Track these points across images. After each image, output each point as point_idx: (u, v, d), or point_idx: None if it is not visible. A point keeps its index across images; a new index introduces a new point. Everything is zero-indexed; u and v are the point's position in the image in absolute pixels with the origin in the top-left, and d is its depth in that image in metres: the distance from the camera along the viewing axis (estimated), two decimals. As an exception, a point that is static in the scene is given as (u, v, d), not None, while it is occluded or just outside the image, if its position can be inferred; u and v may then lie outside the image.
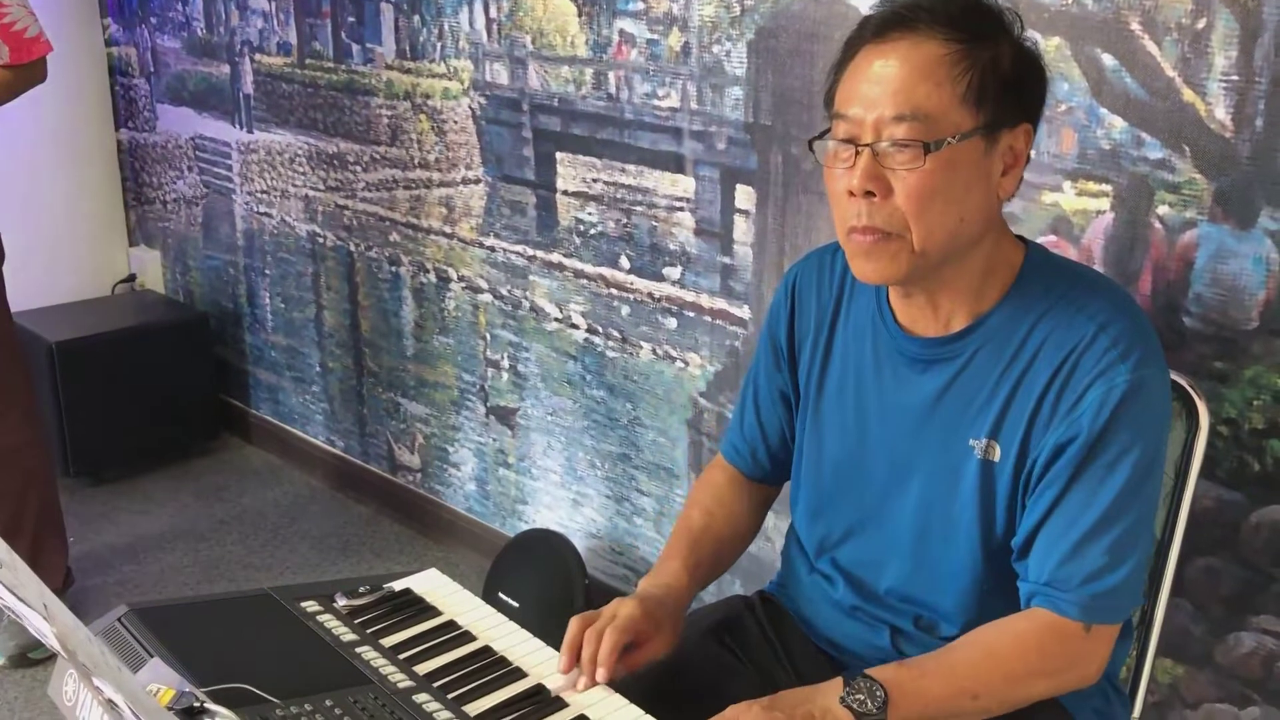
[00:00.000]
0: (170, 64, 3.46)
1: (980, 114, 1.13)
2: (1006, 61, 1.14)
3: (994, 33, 1.15)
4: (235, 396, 3.59)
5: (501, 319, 2.65)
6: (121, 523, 3.12)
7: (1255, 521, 1.58)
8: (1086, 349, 1.15)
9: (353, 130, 2.89)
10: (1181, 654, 1.67)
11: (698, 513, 1.44)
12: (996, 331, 1.21)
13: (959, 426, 1.23)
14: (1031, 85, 1.18)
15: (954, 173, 1.13)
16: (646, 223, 2.28)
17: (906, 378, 1.27)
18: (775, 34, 1.97)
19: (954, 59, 1.12)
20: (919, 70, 1.12)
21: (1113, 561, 1.15)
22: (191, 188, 3.53)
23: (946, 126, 1.12)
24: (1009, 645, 1.18)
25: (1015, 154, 1.18)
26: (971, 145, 1.13)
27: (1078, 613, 1.16)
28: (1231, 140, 1.49)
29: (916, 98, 1.11)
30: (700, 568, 1.38)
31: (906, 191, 1.13)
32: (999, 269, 1.22)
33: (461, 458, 2.88)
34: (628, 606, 1.26)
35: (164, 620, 1.23)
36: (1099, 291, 1.20)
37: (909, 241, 1.15)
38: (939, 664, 1.18)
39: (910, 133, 1.12)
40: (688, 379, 2.29)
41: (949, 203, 1.14)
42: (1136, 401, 1.14)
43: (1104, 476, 1.15)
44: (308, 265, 3.18)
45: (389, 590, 1.37)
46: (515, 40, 2.42)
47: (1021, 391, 1.19)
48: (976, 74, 1.12)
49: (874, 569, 1.33)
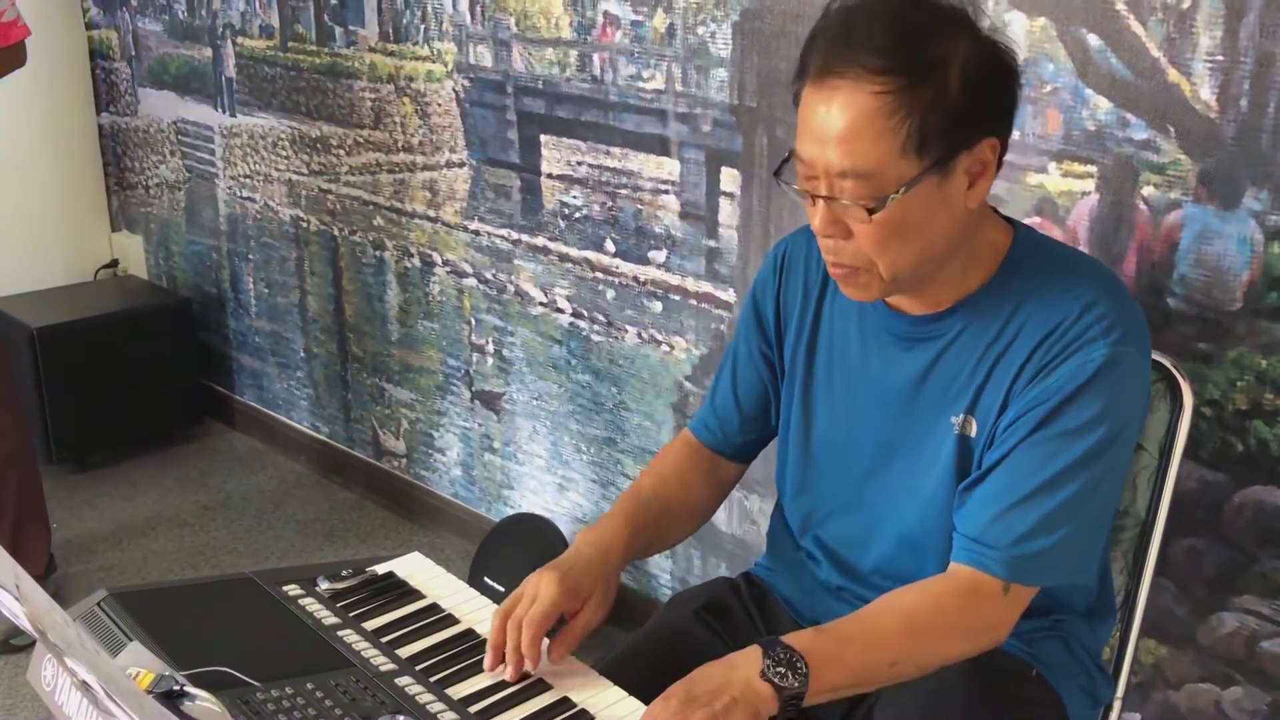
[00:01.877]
0: (152, 47, 3.43)
1: (924, 158, 1.09)
2: (955, 88, 1.08)
3: (936, 59, 1.08)
4: (219, 382, 3.57)
5: (486, 303, 2.64)
6: (105, 509, 3.10)
7: (1238, 502, 1.58)
8: (1070, 326, 1.15)
9: (336, 114, 2.87)
10: (1165, 634, 1.68)
11: (651, 477, 1.41)
12: (981, 311, 1.21)
13: (942, 405, 1.23)
14: (994, 96, 1.13)
15: (907, 214, 1.11)
16: (631, 206, 2.27)
17: (893, 355, 1.26)
18: (760, 15, 1.96)
19: (890, 109, 1.07)
20: (854, 125, 1.07)
21: (1046, 526, 1.14)
22: (174, 172, 3.51)
23: (889, 181, 1.09)
24: (928, 609, 1.16)
25: (983, 164, 1.14)
26: (922, 186, 1.10)
27: (1001, 570, 1.14)
28: (1216, 121, 1.49)
29: (855, 155, 1.08)
30: (645, 529, 1.33)
31: (863, 236, 1.13)
32: (983, 254, 1.21)
33: (447, 443, 2.87)
34: (546, 587, 1.20)
35: (144, 604, 1.22)
36: (1087, 274, 1.20)
37: (877, 273, 1.15)
38: (857, 631, 1.16)
39: (855, 191, 1.10)
40: (673, 363, 2.28)
41: (907, 240, 1.13)
42: (1110, 375, 1.13)
43: (1062, 444, 1.14)
44: (291, 250, 3.16)
45: (372, 574, 1.36)
46: (499, 22, 2.40)
47: (1001, 367, 1.19)
48: (916, 119, 1.07)
49: (858, 548, 1.32)
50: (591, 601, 1.24)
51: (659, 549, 1.42)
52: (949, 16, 1.11)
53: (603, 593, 1.25)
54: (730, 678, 1.09)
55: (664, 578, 2.45)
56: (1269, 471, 1.54)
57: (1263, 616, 1.59)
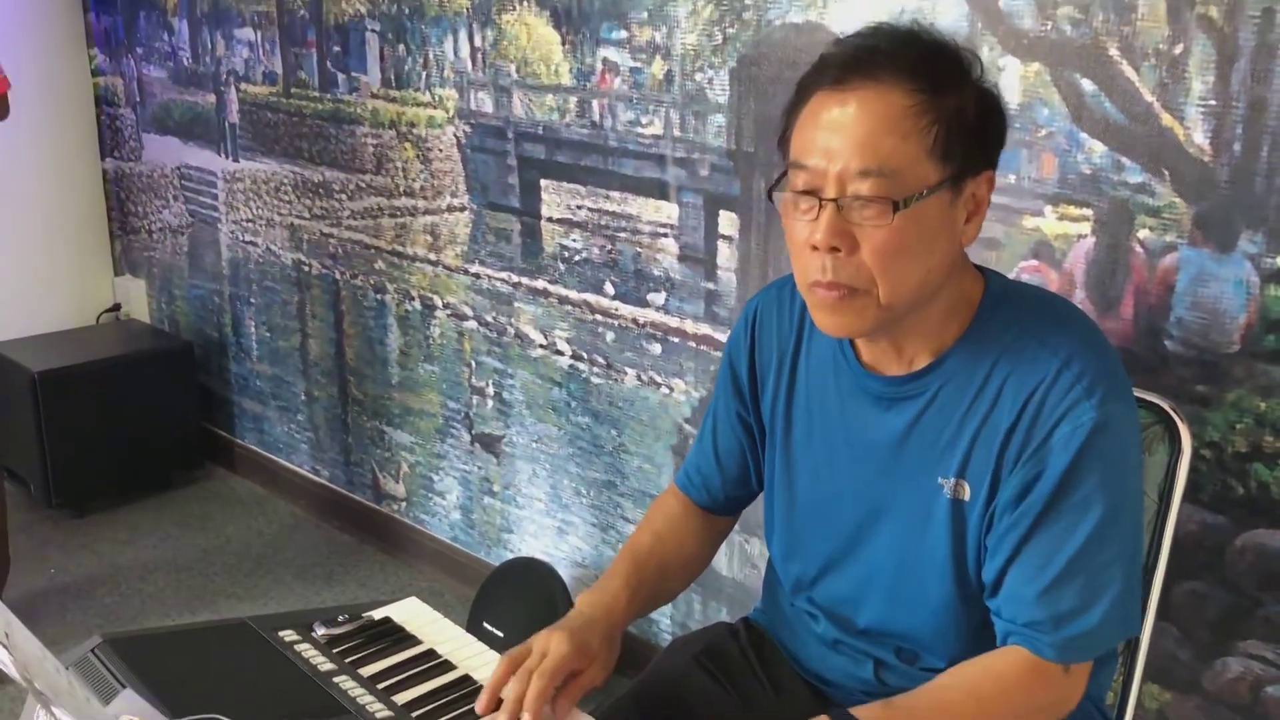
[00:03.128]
0: (156, 93, 3.46)
1: (947, 166, 1.09)
2: (970, 110, 1.11)
3: (957, 80, 1.11)
4: (220, 426, 3.57)
5: (486, 346, 2.65)
6: (103, 553, 3.09)
7: (1240, 545, 1.57)
8: (1050, 386, 1.13)
9: (338, 159, 2.89)
10: (1168, 679, 1.66)
11: (647, 535, 1.41)
12: (959, 368, 1.19)
13: (927, 465, 1.21)
14: (993, 131, 1.15)
15: (921, 227, 1.10)
16: (631, 249, 2.28)
17: (871, 415, 1.25)
18: (757, 62, 1.98)
19: (920, 110, 1.08)
20: (884, 122, 1.08)
21: (1086, 603, 1.14)
22: (177, 217, 3.53)
23: (914, 182, 1.08)
24: (993, 688, 1.16)
25: (977, 201, 1.15)
26: (938, 198, 1.10)
27: (1055, 654, 1.15)
28: (1210, 164, 1.50)
29: (883, 152, 1.07)
30: (643, 588, 1.34)
31: (873, 247, 1.10)
32: (959, 306, 1.20)
33: (446, 486, 2.86)
34: (557, 644, 1.20)
35: (139, 650, 1.21)
36: (1061, 323, 1.18)
37: (875, 296, 1.13)
38: (924, 706, 1.16)
39: (877, 189, 1.08)
40: (672, 405, 2.28)
41: (916, 257, 1.12)
42: (1103, 439, 1.12)
43: (1075, 517, 1.13)
44: (293, 293, 3.17)
45: (368, 619, 1.36)
46: (500, 69, 2.43)
47: (987, 430, 1.17)
48: (943, 126, 1.08)
49: (851, 606, 1.31)
50: (597, 662, 1.24)
51: (658, 605, 1.42)
52: (960, 53, 1.15)
53: (607, 652, 1.26)
54: None
55: (664, 623, 2.43)
56: (1270, 514, 1.54)
57: (1267, 661, 1.58)
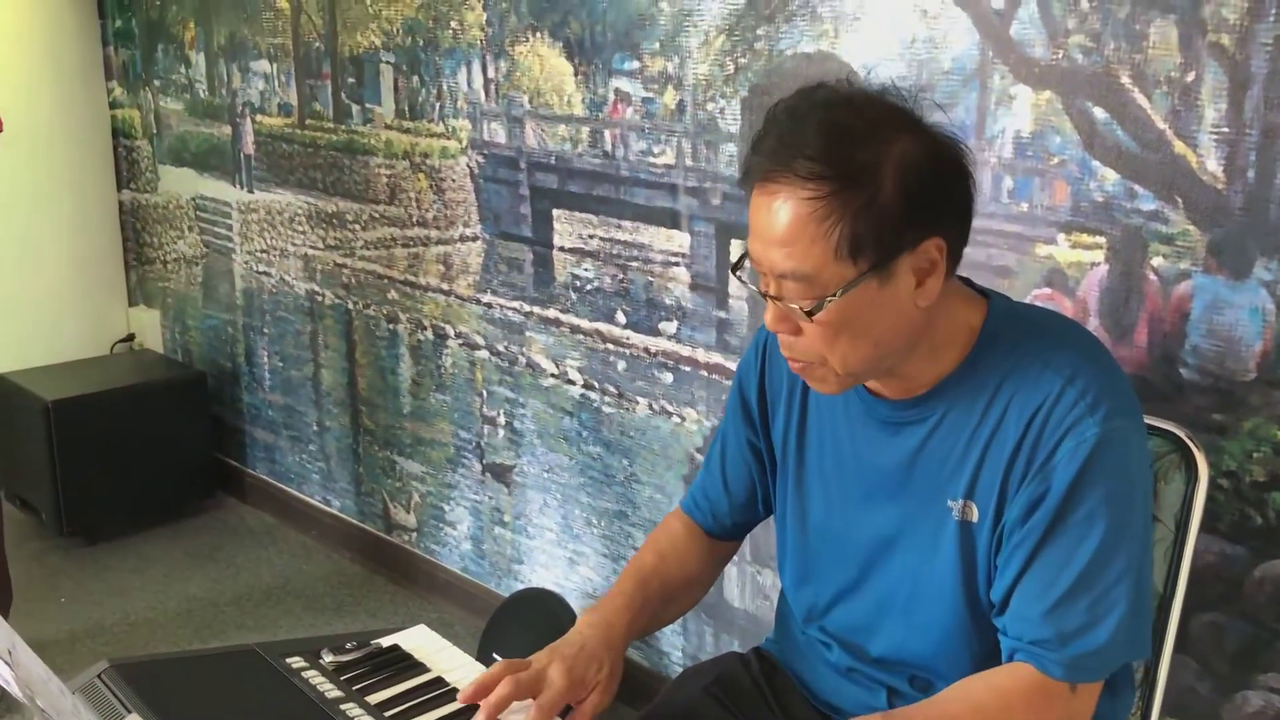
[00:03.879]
0: (172, 125, 3.49)
1: (859, 262, 1.08)
2: (890, 191, 1.06)
3: (871, 162, 1.06)
4: (232, 456, 3.57)
5: (498, 375, 2.64)
6: (114, 582, 3.08)
7: (1259, 576, 1.55)
8: (1055, 404, 1.13)
9: (352, 189, 2.91)
10: (1187, 714, 1.64)
11: (650, 555, 1.42)
12: (962, 391, 1.19)
13: (935, 488, 1.21)
14: (937, 196, 1.10)
15: (850, 314, 1.10)
16: (642, 278, 2.28)
17: (880, 440, 1.25)
18: (768, 91, 1.99)
19: (821, 214, 1.06)
20: (791, 229, 1.07)
21: (1094, 620, 1.12)
22: (191, 247, 3.55)
23: (828, 283, 1.08)
24: (995, 703, 1.15)
25: (930, 263, 1.11)
26: (861, 290, 1.09)
27: (1062, 673, 1.13)
28: (1224, 191, 1.50)
29: (795, 257, 1.08)
30: (646, 608, 1.35)
31: (810, 334, 1.13)
32: (956, 335, 1.19)
33: (457, 516, 2.85)
34: (556, 676, 1.22)
35: (145, 676, 1.20)
36: (1065, 343, 1.18)
37: (831, 367, 1.15)
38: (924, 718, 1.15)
39: (794, 293, 1.10)
40: (684, 434, 2.28)
41: (856, 337, 1.12)
42: (1108, 454, 1.11)
43: (1080, 534, 1.12)
44: (306, 324, 3.18)
45: (376, 646, 1.35)
46: (512, 100, 2.44)
47: (993, 451, 1.17)
48: (848, 224, 1.06)
49: (865, 634, 1.30)
50: (599, 688, 1.25)
51: (660, 626, 1.42)
52: (886, 118, 1.10)
53: (609, 676, 1.26)
54: None
55: (676, 655, 2.41)
56: (1289, 544, 1.52)
57: (1288, 694, 1.55)
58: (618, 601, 1.33)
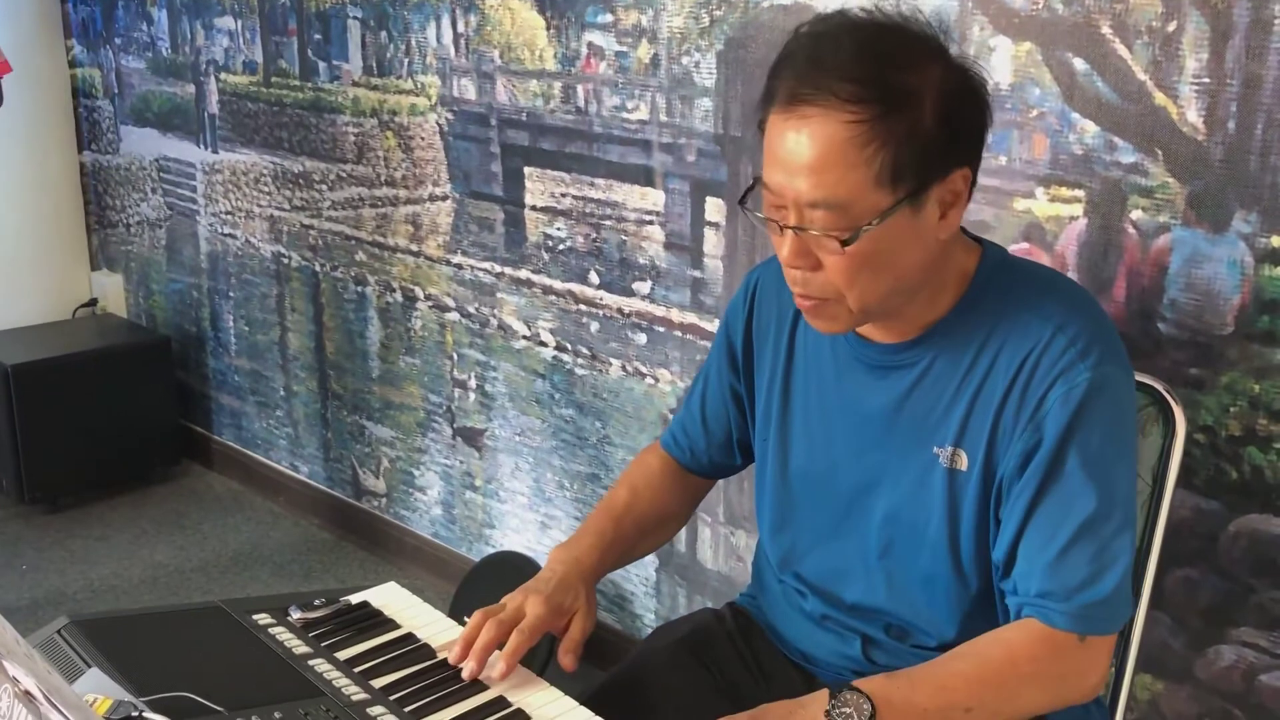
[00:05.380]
0: (134, 84, 3.41)
1: (899, 189, 1.06)
2: (930, 118, 1.05)
3: (910, 91, 1.05)
4: (197, 422, 3.52)
5: (469, 338, 2.61)
6: (77, 550, 3.03)
7: (1234, 531, 1.55)
8: (1044, 351, 1.12)
9: (319, 149, 2.85)
10: (1161, 669, 1.64)
11: (624, 490, 1.42)
12: (953, 337, 1.18)
13: (922, 434, 1.19)
14: (967, 126, 1.10)
15: (879, 246, 1.08)
16: (616, 237, 2.25)
17: (867, 384, 1.23)
18: (744, 44, 1.96)
19: (863, 140, 1.03)
20: (827, 155, 1.04)
21: (1100, 568, 1.11)
22: (155, 210, 3.48)
23: (863, 212, 1.06)
24: (1000, 655, 1.14)
25: (955, 194, 1.11)
26: (895, 218, 1.07)
27: (1069, 623, 1.12)
28: (1204, 143, 1.48)
29: (827, 185, 1.04)
30: (617, 544, 1.36)
31: (833, 268, 1.10)
32: (951, 278, 1.18)
33: (427, 481, 2.82)
34: (533, 606, 1.24)
35: (106, 632, 1.18)
36: (1055, 292, 1.17)
37: (846, 305, 1.12)
38: (928, 675, 1.14)
39: (826, 222, 1.06)
40: (658, 395, 2.25)
41: (879, 271, 1.10)
42: (1100, 400, 1.10)
43: (1078, 483, 1.11)
44: (272, 287, 3.13)
45: (345, 603, 1.32)
46: (483, 55, 2.39)
47: (982, 398, 1.15)
48: (890, 151, 1.04)
49: (840, 581, 1.29)
50: (578, 615, 1.26)
51: (632, 560, 1.43)
52: (921, 43, 1.08)
53: (586, 604, 1.28)
54: (795, 712, 1.09)
55: (649, 617, 2.40)
56: (1264, 499, 1.52)
57: (1261, 649, 1.55)
58: (588, 538, 1.34)
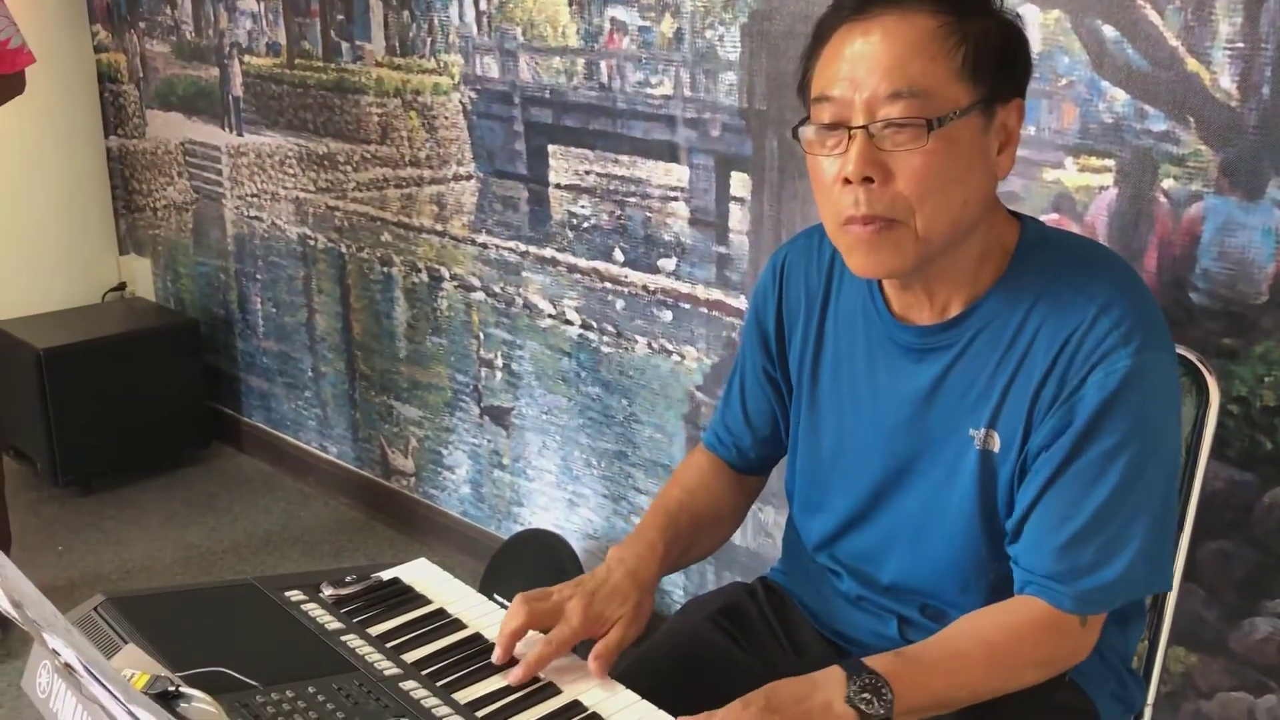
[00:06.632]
0: (159, 69, 3.43)
1: (977, 88, 1.08)
2: (996, 34, 1.10)
3: (979, 5, 1.11)
4: (226, 404, 3.54)
5: (495, 317, 2.61)
6: (111, 531, 3.07)
7: (1268, 502, 1.53)
8: (1087, 333, 1.10)
9: (343, 130, 2.86)
10: (1194, 641, 1.63)
11: (678, 490, 1.39)
12: (993, 317, 1.16)
13: (957, 417, 1.18)
14: (1020, 58, 1.13)
15: (956, 151, 1.08)
16: (640, 214, 2.24)
17: (901, 368, 1.22)
18: (769, 16, 1.94)
19: (947, 31, 1.07)
20: (911, 45, 1.06)
21: (1106, 557, 1.11)
22: (181, 194, 3.50)
23: (946, 102, 1.07)
24: (1006, 640, 1.14)
25: (1009, 131, 1.13)
26: (971, 121, 1.08)
27: (1074, 606, 1.12)
28: (1238, 109, 1.46)
29: (912, 73, 1.06)
30: (676, 544, 1.32)
31: (909, 173, 1.07)
32: (993, 250, 1.17)
33: (455, 460, 2.83)
34: (573, 614, 1.19)
35: (142, 609, 1.19)
36: (1099, 269, 1.15)
37: (912, 228, 1.09)
38: (939, 656, 1.13)
39: (909, 110, 1.06)
40: (684, 373, 2.25)
41: (952, 183, 1.08)
42: (1138, 388, 1.09)
43: (1100, 468, 1.10)
44: (299, 269, 3.14)
45: (376, 580, 1.33)
46: (505, 32, 2.39)
47: (1020, 379, 1.14)
48: (970, 46, 1.07)
49: (875, 562, 1.28)
50: (623, 620, 1.21)
51: (691, 561, 1.39)
52: None
53: (634, 610, 1.23)
54: (810, 695, 1.07)
55: (677, 593, 2.40)
56: (1299, 470, 1.50)
57: (1296, 621, 1.54)
58: (648, 535, 1.30)
